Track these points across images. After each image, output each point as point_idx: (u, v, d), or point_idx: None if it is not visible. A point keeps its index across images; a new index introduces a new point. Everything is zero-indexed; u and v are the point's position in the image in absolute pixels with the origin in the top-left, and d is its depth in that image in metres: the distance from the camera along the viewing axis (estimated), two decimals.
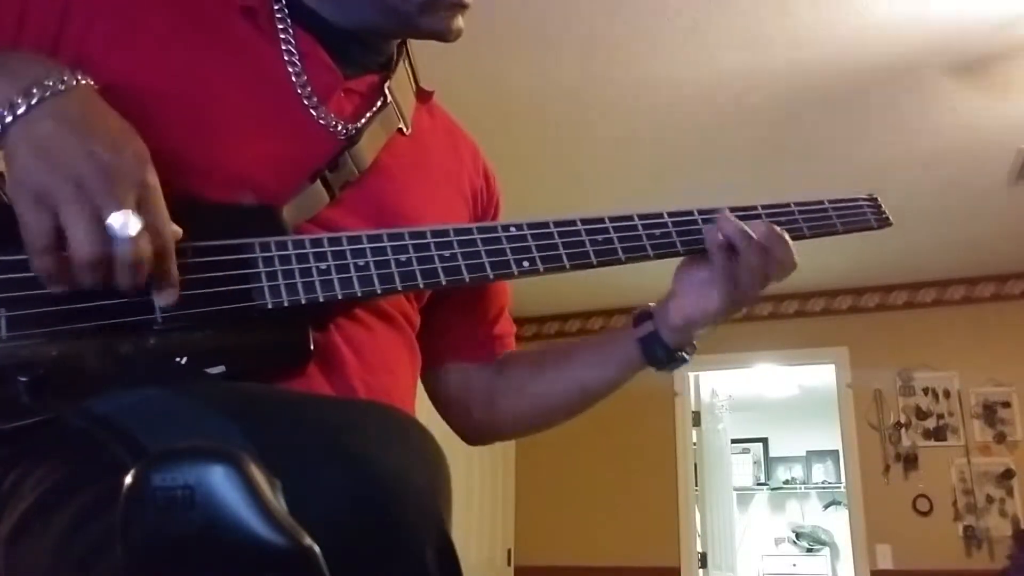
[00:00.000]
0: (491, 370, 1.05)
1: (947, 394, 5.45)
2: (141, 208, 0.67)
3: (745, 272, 0.90)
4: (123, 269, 0.66)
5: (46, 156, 0.65)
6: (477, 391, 1.05)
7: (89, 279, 0.66)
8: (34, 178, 0.64)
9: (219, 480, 0.43)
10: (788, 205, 0.98)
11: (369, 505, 0.54)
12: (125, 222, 0.65)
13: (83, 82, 0.70)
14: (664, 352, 0.96)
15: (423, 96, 1.00)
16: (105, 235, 0.65)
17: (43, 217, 0.64)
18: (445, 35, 0.91)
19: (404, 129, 0.93)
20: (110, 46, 0.78)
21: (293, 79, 0.85)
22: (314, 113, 0.85)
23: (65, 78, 0.68)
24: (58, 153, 0.65)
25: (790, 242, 0.92)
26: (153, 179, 0.68)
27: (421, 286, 0.81)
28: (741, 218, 0.93)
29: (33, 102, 0.66)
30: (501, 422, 1.06)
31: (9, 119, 0.66)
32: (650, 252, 0.90)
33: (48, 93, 0.67)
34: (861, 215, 1.03)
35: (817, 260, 4.95)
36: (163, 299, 0.69)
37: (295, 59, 0.86)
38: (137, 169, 0.67)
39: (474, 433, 1.07)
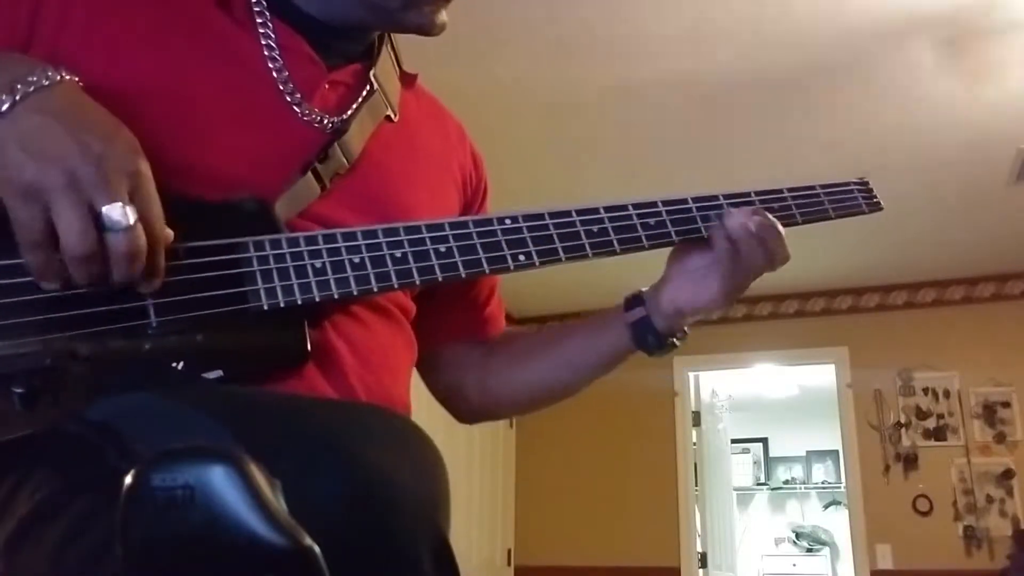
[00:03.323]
0: (483, 351, 1.05)
1: (947, 394, 5.45)
2: (134, 198, 0.66)
3: (746, 268, 0.89)
4: (118, 261, 0.65)
5: (35, 150, 0.64)
6: (469, 372, 1.05)
7: (83, 272, 0.65)
8: (24, 173, 0.63)
9: (219, 480, 0.43)
10: (781, 191, 0.97)
11: (361, 510, 0.54)
12: (120, 213, 0.64)
13: (67, 78, 0.69)
14: (655, 338, 0.95)
15: (408, 80, 0.99)
16: (97, 226, 0.64)
17: (34, 211, 0.63)
18: (429, 29, 0.90)
19: (392, 116, 0.92)
20: (85, 42, 0.76)
21: (274, 74, 0.83)
22: (297, 110, 0.83)
23: (49, 74, 0.67)
24: (48, 146, 0.64)
25: (783, 231, 0.91)
26: (146, 167, 0.67)
27: (418, 282, 0.80)
28: (734, 205, 0.92)
29: (17, 98, 0.65)
30: (493, 403, 1.06)
31: None
32: (645, 242, 0.90)
33: (32, 89, 0.66)
34: (852, 199, 1.02)
35: (817, 260, 4.95)
36: (147, 287, 0.68)
37: (275, 54, 0.84)
38: (130, 158, 0.66)
39: (468, 414, 1.08)
